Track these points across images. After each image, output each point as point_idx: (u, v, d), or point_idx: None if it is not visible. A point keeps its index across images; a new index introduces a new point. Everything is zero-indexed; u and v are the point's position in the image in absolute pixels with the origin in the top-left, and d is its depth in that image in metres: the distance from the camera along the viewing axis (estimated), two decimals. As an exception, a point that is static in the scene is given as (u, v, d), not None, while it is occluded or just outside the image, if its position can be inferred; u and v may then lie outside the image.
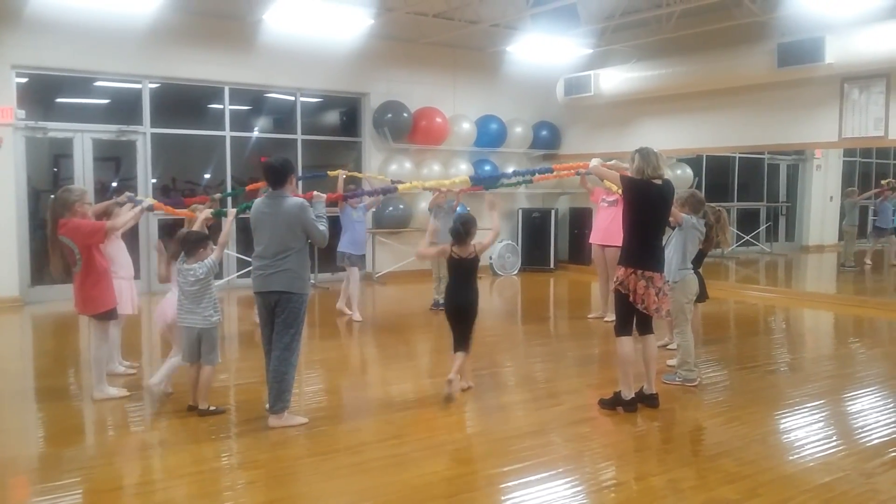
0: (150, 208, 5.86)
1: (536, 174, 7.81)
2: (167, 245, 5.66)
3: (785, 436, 5.06)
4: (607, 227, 8.55)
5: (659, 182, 5.23)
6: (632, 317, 5.35)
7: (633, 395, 5.34)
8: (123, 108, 10.88)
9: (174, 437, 4.85)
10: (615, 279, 5.36)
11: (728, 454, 4.52)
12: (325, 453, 4.56)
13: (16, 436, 5.02)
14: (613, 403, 5.36)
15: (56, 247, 5.49)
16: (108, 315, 5.62)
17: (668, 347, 7.02)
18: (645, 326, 5.43)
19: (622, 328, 5.37)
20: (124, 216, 5.53)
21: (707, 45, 11.19)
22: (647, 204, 5.26)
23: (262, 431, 4.88)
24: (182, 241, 5.31)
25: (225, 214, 5.75)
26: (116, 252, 6.11)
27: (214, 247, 5.30)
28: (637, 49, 12.29)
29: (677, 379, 6.03)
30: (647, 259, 5.23)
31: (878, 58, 9.50)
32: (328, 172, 9.29)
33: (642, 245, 5.26)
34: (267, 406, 5.03)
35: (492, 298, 11.59)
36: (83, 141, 10.44)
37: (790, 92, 10.82)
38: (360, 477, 4.19)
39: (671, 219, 5.74)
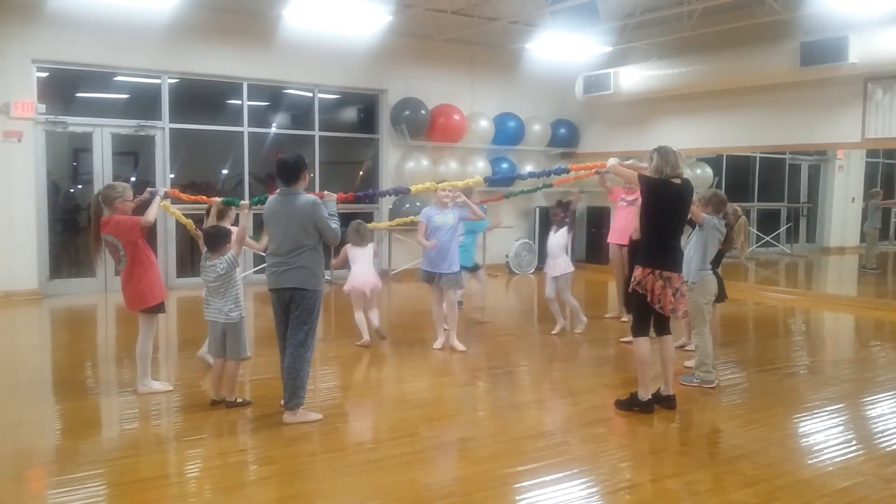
0: (165, 196, 5.88)
1: (552, 175, 7.75)
2: None
3: (804, 439, 5.00)
4: (625, 227, 8.49)
5: (678, 181, 5.18)
6: (649, 317, 5.30)
7: (650, 396, 5.29)
8: (142, 103, 10.94)
9: (190, 431, 4.86)
10: (633, 279, 5.31)
11: (746, 457, 4.47)
12: (339, 450, 4.56)
13: (34, 428, 5.04)
14: (630, 404, 5.32)
15: (99, 243, 5.51)
16: (157, 309, 5.60)
17: (685, 348, 6.96)
18: (662, 327, 5.38)
19: (639, 329, 5.31)
20: (153, 208, 5.55)
21: (728, 44, 11.09)
22: (665, 204, 5.20)
23: (277, 427, 4.88)
24: (205, 236, 5.34)
25: (236, 203, 5.75)
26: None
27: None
28: (657, 47, 12.20)
29: (695, 380, 5.97)
30: (666, 259, 5.18)
31: (902, 58, 9.37)
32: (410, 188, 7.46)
33: (660, 245, 5.21)
34: (282, 402, 5.03)
35: (508, 297, 11.56)
36: (102, 135, 10.50)
37: (813, 91, 10.70)
38: (373, 474, 4.18)
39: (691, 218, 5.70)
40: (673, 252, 5.25)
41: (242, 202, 5.61)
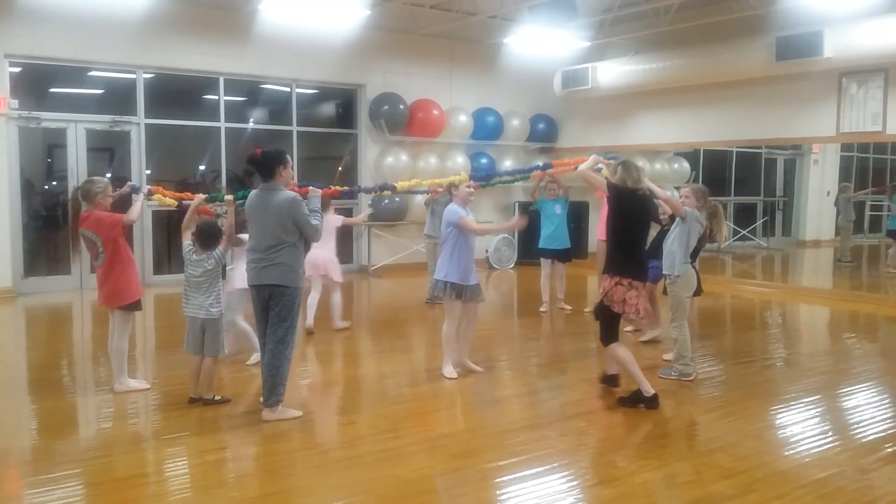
0: (149, 193, 5.81)
1: (535, 171, 7.77)
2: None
3: (781, 431, 5.05)
4: None
5: (641, 193, 5.29)
6: (618, 324, 5.40)
7: (653, 392, 5.27)
8: (117, 98, 10.81)
9: (168, 429, 4.82)
10: (600, 290, 5.35)
11: (723, 449, 4.51)
12: (318, 447, 4.55)
13: (9, 428, 4.97)
14: (634, 401, 5.30)
15: (77, 239, 5.44)
16: (134, 306, 5.55)
17: (647, 340, 7.09)
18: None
19: (609, 337, 5.36)
20: (135, 207, 5.48)
21: (705, 39, 11.15)
22: (632, 212, 5.29)
23: (257, 425, 4.86)
24: (197, 233, 5.28)
25: (220, 199, 5.69)
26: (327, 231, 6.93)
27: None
28: (635, 42, 12.26)
29: (673, 373, 6.02)
30: (634, 268, 5.24)
31: (876, 52, 9.47)
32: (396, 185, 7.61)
33: (628, 254, 5.28)
34: (261, 399, 5.00)
35: (488, 292, 11.56)
36: (77, 131, 10.37)
37: (788, 86, 10.79)
38: (354, 471, 4.17)
39: (666, 214, 5.89)
40: (640, 261, 5.31)
41: (227, 198, 5.52)
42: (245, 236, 5.28)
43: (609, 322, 5.37)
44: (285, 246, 4.86)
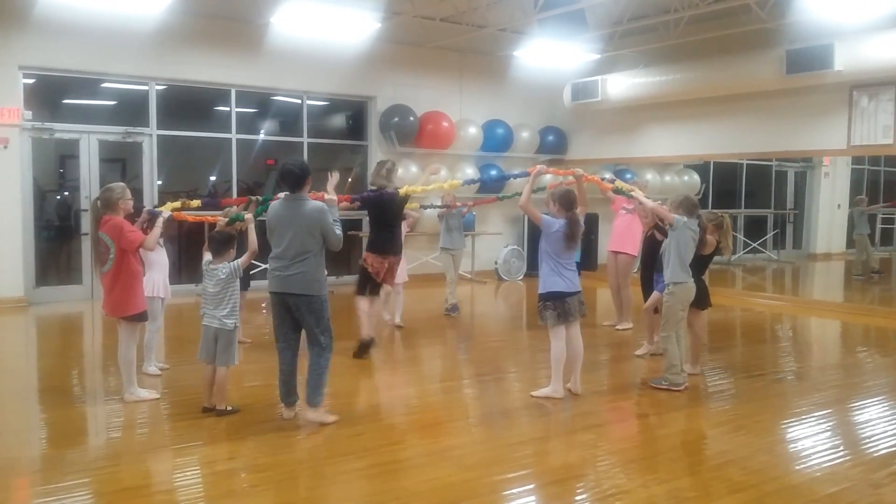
0: (170, 218, 5.85)
1: (518, 177, 7.76)
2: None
3: (791, 445, 5.02)
4: (622, 235, 8.47)
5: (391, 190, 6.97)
6: (368, 284, 7.09)
7: (369, 338, 6.95)
8: (130, 109, 10.89)
9: (178, 439, 4.83)
10: (362, 259, 7.12)
11: (733, 463, 4.49)
12: (328, 458, 4.54)
13: (20, 437, 5.00)
14: (365, 348, 6.98)
15: (97, 245, 5.48)
16: (138, 318, 5.59)
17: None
18: (377, 290, 7.21)
19: (362, 290, 7.09)
20: (155, 231, 5.55)
21: (715, 52, 11.16)
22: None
23: (266, 435, 4.86)
24: (209, 241, 5.38)
25: (241, 219, 5.73)
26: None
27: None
28: (644, 55, 12.26)
29: (664, 383, 6.04)
30: (392, 247, 7.14)
31: (887, 65, 9.44)
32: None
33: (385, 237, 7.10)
34: (285, 401, 5.14)
35: (497, 303, 11.57)
36: (89, 142, 10.45)
37: (798, 99, 10.77)
38: (363, 482, 4.17)
39: (659, 221, 6.44)
40: (396, 240, 7.20)
41: (247, 216, 5.61)
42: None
43: (365, 280, 7.09)
44: (309, 255, 4.96)
